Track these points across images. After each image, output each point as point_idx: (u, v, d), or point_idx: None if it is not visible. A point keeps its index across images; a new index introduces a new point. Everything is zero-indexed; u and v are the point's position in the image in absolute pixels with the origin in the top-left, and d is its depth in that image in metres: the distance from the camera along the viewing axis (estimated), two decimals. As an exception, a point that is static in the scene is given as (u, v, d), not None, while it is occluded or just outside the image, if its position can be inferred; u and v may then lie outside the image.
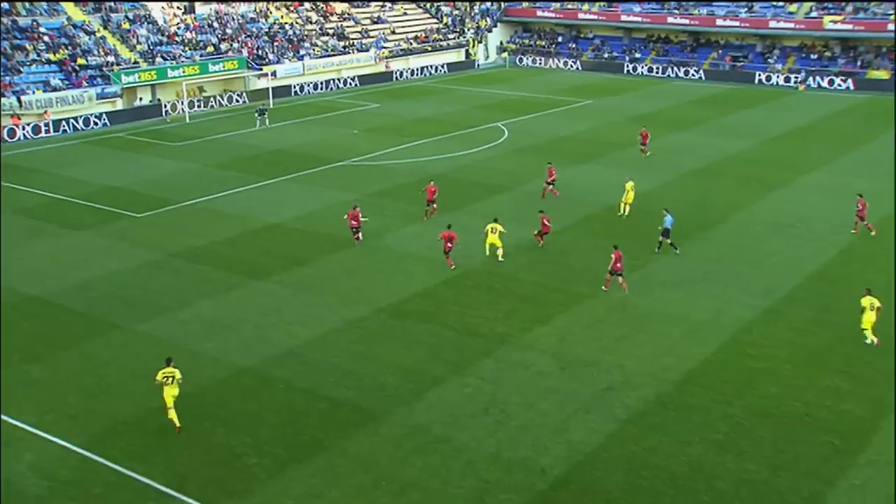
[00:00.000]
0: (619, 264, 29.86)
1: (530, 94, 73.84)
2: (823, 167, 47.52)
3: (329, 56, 78.53)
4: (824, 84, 76.09)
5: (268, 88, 69.01)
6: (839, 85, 75.48)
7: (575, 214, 38.91)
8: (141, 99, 65.77)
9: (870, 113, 63.72)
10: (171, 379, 21.67)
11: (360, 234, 34.98)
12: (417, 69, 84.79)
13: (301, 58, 76.29)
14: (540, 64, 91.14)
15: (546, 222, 34.27)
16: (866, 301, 26.16)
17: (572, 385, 23.98)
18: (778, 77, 78.52)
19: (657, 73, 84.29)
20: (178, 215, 39.63)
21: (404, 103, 69.47)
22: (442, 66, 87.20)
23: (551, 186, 41.04)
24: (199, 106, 66.20)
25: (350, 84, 77.86)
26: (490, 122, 60.44)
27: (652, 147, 50.67)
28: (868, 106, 66.51)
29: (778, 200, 41.41)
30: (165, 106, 64.52)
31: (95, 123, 60.23)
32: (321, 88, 75.55)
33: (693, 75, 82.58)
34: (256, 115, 60.75)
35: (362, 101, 70.29)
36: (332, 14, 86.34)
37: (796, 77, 77.17)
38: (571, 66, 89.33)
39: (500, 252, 33.04)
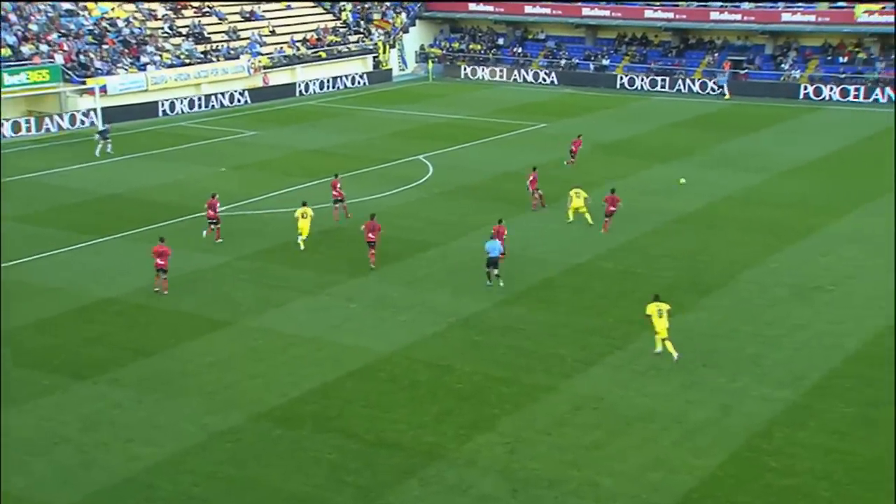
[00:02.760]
0: (371, 235, 39.49)
1: (463, 115, 74.85)
2: (862, 209, 48.67)
3: (183, 66, 78.76)
4: (858, 96, 79.04)
5: (95, 109, 68.67)
6: (878, 97, 78.73)
7: (526, 280, 39.22)
8: None
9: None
10: None
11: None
12: (308, 83, 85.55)
13: (143, 67, 76.35)
14: (474, 75, 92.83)
15: (371, 233, 39.89)
16: (653, 308, 31.58)
17: (529, 514, 23.98)
18: (806, 89, 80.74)
19: (633, 84, 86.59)
20: (-32, 290, 38.91)
21: (291, 130, 69.79)
22: (342, 80, 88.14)
23: (539, 192, 48.81)
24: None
25: (214, 104, 78.07)
26: (409, 155, 61.03)
27: (628, 185, 51.46)
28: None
29: (803, 254, 42.28)
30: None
31: None
32: (173, 110, 75.56)
33: (681, 87, 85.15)
34: (97, 137, 61.44)
35: (232, 128, 70.38)
36: (185, 7, 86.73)
37: (822, 87, 79.70)
38: (517, 77, 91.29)
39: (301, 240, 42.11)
